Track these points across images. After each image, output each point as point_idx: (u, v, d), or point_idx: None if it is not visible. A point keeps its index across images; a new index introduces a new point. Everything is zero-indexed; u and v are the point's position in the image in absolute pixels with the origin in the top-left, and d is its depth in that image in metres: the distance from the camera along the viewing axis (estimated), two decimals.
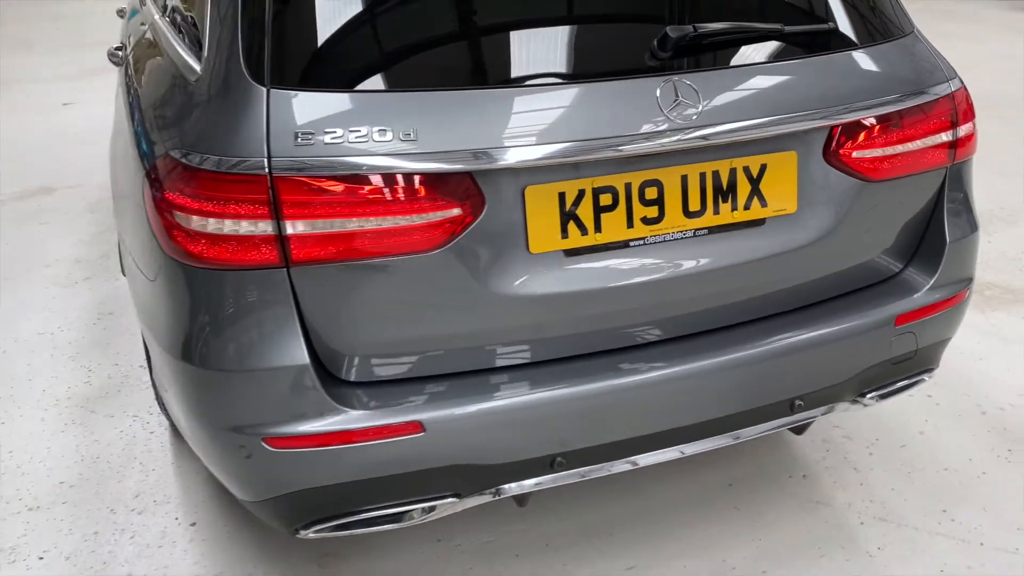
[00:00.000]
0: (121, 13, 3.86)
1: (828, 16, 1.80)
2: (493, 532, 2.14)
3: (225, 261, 1.46)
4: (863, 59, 1.78)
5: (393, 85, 1.53)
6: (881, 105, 1.74)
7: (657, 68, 1.59)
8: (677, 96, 1.57)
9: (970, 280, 1.97)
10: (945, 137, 1.84)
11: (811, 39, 1.78)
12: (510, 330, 1.62)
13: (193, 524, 2.19)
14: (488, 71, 1.59)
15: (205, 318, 1.51)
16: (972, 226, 1.96)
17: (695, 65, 1.63)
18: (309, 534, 1.65)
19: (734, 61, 1.67)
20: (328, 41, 1.52)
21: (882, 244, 1.89)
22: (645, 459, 1.75)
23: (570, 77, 1.59)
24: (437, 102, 1.49)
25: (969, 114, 1.88)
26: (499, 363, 1.64)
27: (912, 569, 2.01)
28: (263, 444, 1.52)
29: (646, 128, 1.55)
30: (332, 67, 1.51)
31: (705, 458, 2.38)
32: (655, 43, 1.58)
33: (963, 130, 1.86)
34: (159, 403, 2.35)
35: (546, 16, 1.64)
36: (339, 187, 1.44)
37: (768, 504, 2.22)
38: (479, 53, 1.61)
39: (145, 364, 2.89)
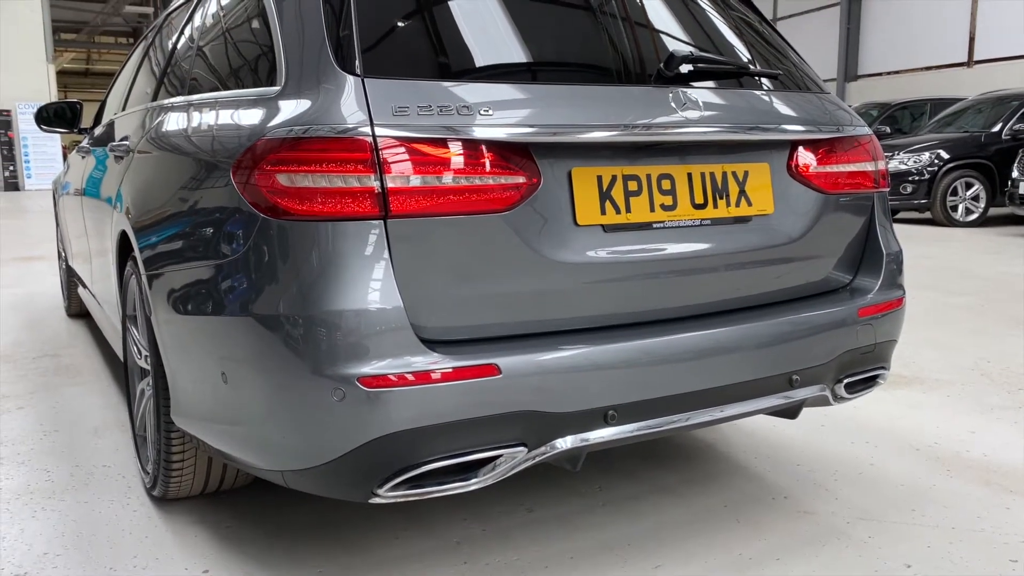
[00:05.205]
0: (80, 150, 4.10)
1: (780, 64, 2.29)
2: (516, 552, 2.18)
3: (332, 214, 1.63)
4: (809, 99, 2.26)
5: (471, 78, 1.83)
6: (827, 131, 2.20)
7: (669, 80, 1.99)
8: (684, 101, 1.96)
9: (903, 290, 2.37)
10: (870, 167, 2.31)
11: (773, 78, 2.25)
12: (563, 292, 1.84)
13: (206, 572, 2.10)
14: (546, 72, 1.93)
15: (308, 268, 1.64)
16: (898, 244, 2.39)
17: (693, 82, 2.04)
18: (386, 493, 1.69)
19: (720, 83, 2.11)
20: (409, 40, 1.83)
21: (838, 254, 2.27)
22: (686, 419, 1.93)
23: (604, 81, 1.95)
24: (505, 92, 1.80)
25: (881, 156, 2.38)
26: (558, 324, 1.84)
27: (902, 549, 2.20)
28: (358, 384, 1.61)
29: (664, 120, 1.91)
30: (415, 62, 1.80)
31: (698, 487, 2.55)
32: (662, 64, 2.00)
33: (881, 164, 2.35)
34: (157, 454, 2.30)
35: (585, 30, 2.03)
36: (430, 148, 1.68)
37: (763, 516, 2.39)
38: (540, 56, 1.96)
39: (109, 463, 2.80)
